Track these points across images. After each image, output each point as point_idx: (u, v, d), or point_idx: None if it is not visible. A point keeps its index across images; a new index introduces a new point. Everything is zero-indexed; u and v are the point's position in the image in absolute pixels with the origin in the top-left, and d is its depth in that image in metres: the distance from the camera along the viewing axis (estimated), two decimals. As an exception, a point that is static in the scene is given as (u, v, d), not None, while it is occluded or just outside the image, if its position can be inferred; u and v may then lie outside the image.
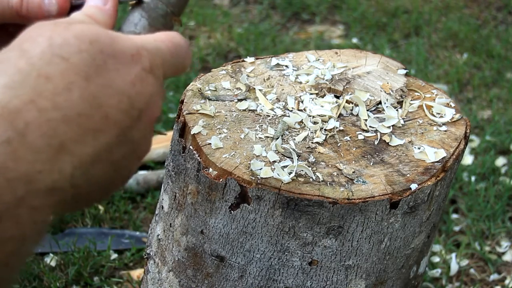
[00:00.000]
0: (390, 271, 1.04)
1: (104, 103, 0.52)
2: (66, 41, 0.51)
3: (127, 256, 1.71)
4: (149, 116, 0.57)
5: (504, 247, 1.80)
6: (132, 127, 0.55)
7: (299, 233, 0.95)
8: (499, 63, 2.64)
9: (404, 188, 0.95)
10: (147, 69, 0.56)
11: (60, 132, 0.48)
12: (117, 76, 0.53)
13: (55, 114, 0.48)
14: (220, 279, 1.03)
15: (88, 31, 0.53)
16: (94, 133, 0.51)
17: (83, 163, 0.50)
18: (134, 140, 0.56)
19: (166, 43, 0.61)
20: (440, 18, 3.02)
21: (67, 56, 0.51)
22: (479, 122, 2.29)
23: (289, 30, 2.93)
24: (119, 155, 0.55)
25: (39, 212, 0.47)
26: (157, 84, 0.58)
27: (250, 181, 0.93)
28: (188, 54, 0.64)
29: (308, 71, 1.17)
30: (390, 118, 1.07)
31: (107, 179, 0.55)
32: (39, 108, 0.48)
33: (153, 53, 0.58)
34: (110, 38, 0.54)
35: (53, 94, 0.49)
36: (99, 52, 0.52)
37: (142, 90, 0.55)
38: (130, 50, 0.55)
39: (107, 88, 0.52)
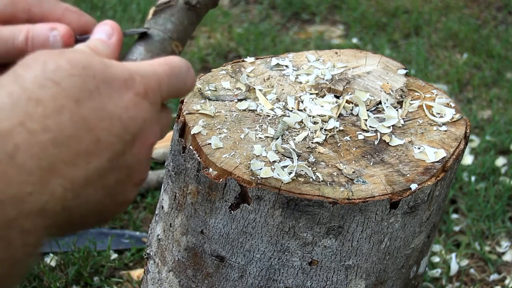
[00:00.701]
0: (390, 271, 1.04)
1: (95, 126, 0.52)
2: (58, 66, 0.52)
3: (127, 256, 1.71)
4: (144, 141, 0.57)
5: (504, 247, 1.80)
6: (125, 151, 0.55)
7: (299, 233, 0.95)
8: (499, 63, 2.64)
9: (404, 188, 0.95)
10: (141, 94, 0.56)
11: (50, 154, 0.49)
12: (109, 100, 0.54)
13: (45, 136, 0.49)
14: (220, 279, 1.03)
15: (81, 58, 0.54)
16: (85, 156, 0.51)
17: (75, 185, 0.50)
18: (127, 165, 0.56)
19: (163, 67, 0.61)
20: (440, 18, 3.02)
21: (59, 80, 0.51)
22: (479, 122, 2.29)
23: (289, 30, 2.93)
24: (112, 180, 0.55)
25: (31, 234, 0.47)
26: (153, 109, 0.58)
27: (250, 181, 0.93)
28: (189, 75, 0.64)
29: (308, 71, 1.17)
30: (390, 118, 1.07)
31: (101, 204, 0.55)
32: (29, 130, 0.48)
33: (148, 78, 0.58)
34: (103, 64, 0.55)
35: (43, 116, 0.49)
36: (91, 77, 0.53)
37: (135, 115, 0.55)
38: (123, 75, 0.56)
39: (98, 112, 0.52)
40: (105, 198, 0.55)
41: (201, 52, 2.69)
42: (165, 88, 0.60)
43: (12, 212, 0.46)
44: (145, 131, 0.57)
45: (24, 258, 0.48)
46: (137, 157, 0.57)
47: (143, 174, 0.60)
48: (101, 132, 0.52)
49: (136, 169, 0.58)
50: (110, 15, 2.76)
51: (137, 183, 0.59)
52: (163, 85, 0.60)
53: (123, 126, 0.54)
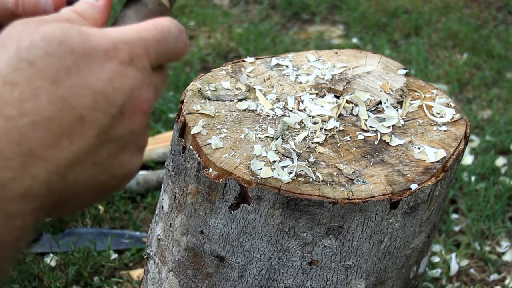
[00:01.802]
0: (390, 271, 1.04)
1: (76, 104, 0.50)
2: (33, 44, 0.51)
3: (127, 256, 1.71)
4: (135, 110, 0.55)
5: (504, 247, 1.80)
6: (113, 124, 0.53)
7: (299, 233, 0.95)
8: (499, 63, 2.64)
9: (404, 188, 0.95)
10: (125, 62, 0.54)
11: (30, 138, 0.48)
12: (89, 75, 0.52)
13: (23, 121, 0.48)
14: (220, 279, 1.03)
15: (58, 32, 0.52)
16: (68, 136, 0.50)
17: (60, 167, 0.50)
18: (120, 137, 0.54)
19: (151, 31, 0.58)
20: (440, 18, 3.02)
21: (34, 60, 0.50)
22: (479, 122, 2.29)
23: (289, 30, 2.93)
24: (104, 155, 0.53)
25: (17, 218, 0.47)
26: (142, 75, 0.56)
27: (250, 181, 0.93)
28: (180, 39, 0.61)
29: (308, 71, 1.17)
30: (390, 118, 1.07)
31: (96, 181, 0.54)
32: (5, 116, 0.48)
33: (134, 44, 0.56)
34: (82, 37, 0.53)
35: (20, 101, 0.48)
36: (69, 53, 0.51)
37: (120, 85, 0.53)
38: (104, 45, 0.53)
39: (78, 89, 0.51)
40: (100, 174, 0.54)
41: (201, 52, 2.69)
42: (154, 53, 0.58)
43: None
44: (135, 99, 0.55)
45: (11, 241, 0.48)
46: (129, 127, 0.55)
47: (140, 142, 0.58)
48: (84, 110, 0.51)
49: (131, 139, 0.56)
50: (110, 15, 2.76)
51: (136, 152, 0.57)
52: (151, 49, 0.57)
53: (108, 99, 0.52)
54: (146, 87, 0.56)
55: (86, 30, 0.54)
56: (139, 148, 0.57)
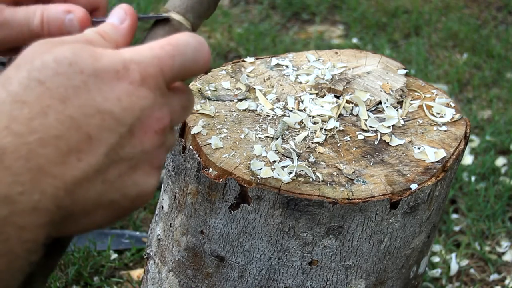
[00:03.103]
0: (390, 271, 1.04)
1: (84, 123, 0.51)
2: (44, 64, 0.52)
3: (127, 256, 1.71)
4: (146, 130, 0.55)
5: (504, 247, 1.80)
6: (123, 144, 0.54)
7: (299, 233, 0.95)
8: (499, 63, 2.64)
9: (404, 188, 0.95)
10: (136, 82, 0.54)
11: (38, 155, 0.49)
12: (98, 94, 0.52)
13: (31, 137, 0.49)
14: (220, 279, 1.03)
15: (69, 52, 0.53)
16: (76, 154, 0.51)
17: (67, 184, 0.50)
18: (130, 156, 0.55)
19: (165, 47, 0.58)
20: (440, 18, 3.02)
21: (44, 80, 0.51)
22: (479, 122, 2.29)
23: (289, 30, 2.93)
24: (114, 174, 0.54)
25: (27, 231, 0.49)
26: (154, 95, 0.56)
27: (250, 181, 0.93)
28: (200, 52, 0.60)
29: (308, 71, 1.17)
30: (390, 118, 1.07)
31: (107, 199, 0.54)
32: (15, 133, 0.49)
33: (146, 63, 0.56)
34: (92, 57, 0.53)
35: (29, 118, 0.49)
36: (78, 73, 0.52)
37: (129, 105, 0.54)
38: (114, 66, 0.54)
39: (86, 108, 0.52)
40: (111, 192, 0.54)
41: (201, 52, 2.69)
42: (169, 70, 0.57)
43: (5, 210, 0.47)
44: (145, 119, 0.55)
45: (23, 253, 0.49)
46: (140, 147, 0.55)
47: (155, 162, 0.57)
48: (91, 129, 0.52)
49: (143, 159, 0.56)
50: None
51: (150, 171, 0.57)
52: (166, 67, 0.57)
53: (116, 119, 0.53)
54: (158, 106, 0.56)
55: (98, 51, 0.54)
56: (153, 168, 0.57)
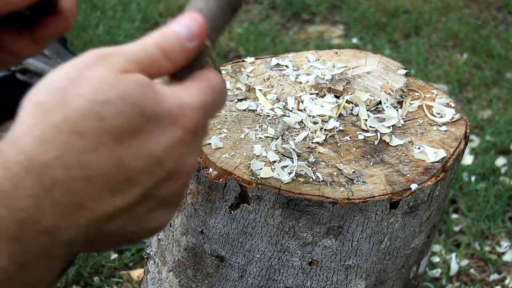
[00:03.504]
0: (390, 271, 1.04)
1: (129, 165, 0.51)
2: (108, 100, 0.50)
3: (127, 256, 1.71)
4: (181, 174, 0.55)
5: (504, 247, 1.80)
6: (158, 186, 0.54)
7: (299, 233, 0.95)
8: (499, 63, 2.64)
9: (404, 188, 0.95)
10: (189, 130, 0.54)
11: (81, 190, 0.49)
12: (151, 139, 0.52)
13: (79, 172, 0.49)
14: (220, 279, 1.03)
15: (135, 92, 0.51)
16: (113, 192, 0.51)
17: (99, 219, 0.51)
18: (161, 197, 0.55)
19: (210, 94, 0.57)
20: (440, 18, 3.02)
21: (105, 116, 0.50)
22: (479, 122, 2.29)
23: (289, 30, 2.93)
24: (142, 211, 0.54)
25: (57, 261, 0.50)
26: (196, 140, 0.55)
27: (250, 181, 0.93)
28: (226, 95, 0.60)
29: (308, 71, 1.17)
30: (390, 118, 1.07)
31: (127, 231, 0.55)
32: (66, 165, 0.48)
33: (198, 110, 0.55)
34: (155, 99, 0.52)
35: (81, 152, 0.49)
36: (139, 116, 0.51)
37: (176, 152, 0.53)
38: (172, 111, 0.53)
39: (136, 151, 0.51)
40: (133, 226, 0.54)
41: (201, 52, 2.69)
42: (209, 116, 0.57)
43: (46, 243, 0.48)
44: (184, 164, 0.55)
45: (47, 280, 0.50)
46: (172, 189, 0.55)
47: (178, 202, 0.58)
48: (134, 171, 0.51)
49: (170, 199, 0.56)
50: (110, 15, 2.76)
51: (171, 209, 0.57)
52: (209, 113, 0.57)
53: (160, 164, 0.52)
54: (196, 151, 0.56)
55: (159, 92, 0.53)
56: (175, 207, 0.58)
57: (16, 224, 0.47)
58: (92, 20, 2.68)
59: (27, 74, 1.89)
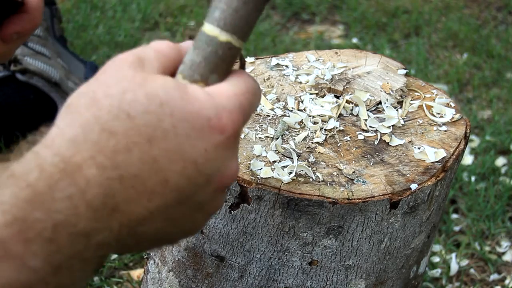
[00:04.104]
0: (390, 271, 1.04)
1: (164, 168, 0.50)
2: (136, 99, 0.50)
3: (127, 256, 1.71)
4: (221, 181, 0.54)
5: (504, 247, 1.80)
6: (197, 192, 0.53)
7: (299, 233, 0.95)
8: (499, 63, 2.64)
9: (404, 188, 0.95)
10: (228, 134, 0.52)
11: (115, 192, 0.48)
12: (186, 141, 0.51)
13: (113, 173, 0.48)
14: (220, 279, 1.03)
15: (161, 91, 0.51)
16: (149, 195, 0.50)
17: (132, 222, 0.50)
18: (199, 201, 0.54)
19: (246, 96, 0.56)
20: (440, 18, 3.02)
21: (134, 115, 0.49)
22: (479, 122, 2.29)
23: (289, 30, 2.93)
24: (178, 215, 0.53)
25: (89, 263, 0.49)
26: (235, 145, 0.54)
27: (250, 181, 0.93)
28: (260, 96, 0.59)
29: (308, 71, 1.17)
30: (390, 118, 1.07)
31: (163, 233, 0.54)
32: (99, 165, 0.48)
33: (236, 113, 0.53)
34: (184, 100, 0.51)
35: (114, 151, 0.48)
36: (168, 115, 0.50)
37: (214, 157, 0.52)
38: (207, 113, 0.52)
39: (171, 153, 0.50)
40: (169, 228, 0.54)
41: (201, 52, 2.68)
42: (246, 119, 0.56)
43: (80, 245, 0.48)
44: (225, 170, 0.53)
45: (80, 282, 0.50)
46: (211, 195, 0.54)
47: (218, 206, 0.57)
48: (171, 174, 0.50)
49: (209, 204, 0.55)
50: (110, 15, 2.76)
51: (211, 214, 0.57)
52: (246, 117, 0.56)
53: (198, 169, 0.51)
54: (235, 155, 0.55)
55: (191, 93, 0.52)
56: (215, 210, 0.57)
57: (52, 226, 0.46)
58: (92, 20, 2.67)
59: (27, 74, 1.89)
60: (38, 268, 0.46)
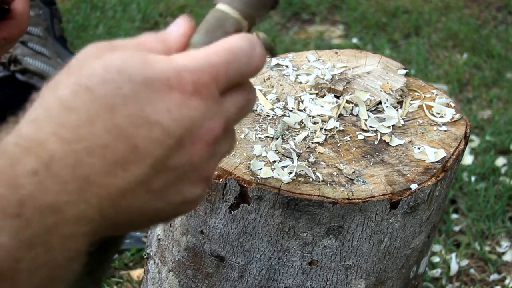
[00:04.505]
0: (390, 271, 1.04)
1: (131, 134, 0.50)
2: (93, 71, 0.50)
3: (127, 256, 1.71)
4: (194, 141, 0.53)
5: (504, 247, 1.80)
6: (170, 155, 0.52)
7: (299, 233, 0.95)
8: (499, 63, 2.64)
9: (404, 188, 0.95)
10: (187, 92, 0.52)
11: (84, 164, 0.48)
12: (147, 105, 0.51)
13: (78, 145, 0.48)
14: (220, 279, 1.03)
15: (118, 60, 0.51)
16: (122, 164, 0.50)
17: (112, 194, 0.50)
18: (178, 166, 0.53)
19: (220, 53, 0.55)
20: (440, 18, 3.02)
21: (92, 87, 0.50)
22: (479, 122, 2.29)
23: (289, 30, 2.93)
24: (160, 184, 0.53)
25: (70, 240, 0.48)
26: (206, 105, 0.53)
27: (250, 181, 0.93)
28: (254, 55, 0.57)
29: (308, 71, 1.17)
30: (390, 118, 1.07)
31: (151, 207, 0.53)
32: (63, 139, 0.48)
33: (200, 71, 0.53)
34: (143, 64, 0.51)
35: (76, 126, 0.48)
36: (127, 82, 0.50)
37: (180, 117, 0.52)
38: (166, 74, 0.52)
39: (134, 118, 0.50)
40: (155, 201, 0.53)
41: (201, 52, 2.69)
42: (224, 77, 0.55)
43: (51, 219, 0.47)
44: (196, 131, 0.53)
45: (65, 262, 0.49)
46: (189, 158, 0.53)
47: (202, 173, 0.56)
48: (138, 140, 0.50)
49: (191, 170, 0.54)
50: (110, 15, 2.76)
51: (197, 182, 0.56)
52: (220, 75, 0.54)
53: (164, 131, 0.51)
54: (210, 116, 0.54)
55: (150, 58, 0.52)
56: (201, 178, 0.56)
57: (17, 201, 0.46)
58: (92, 20, 2.68)
59: (26, 74, 1.89)
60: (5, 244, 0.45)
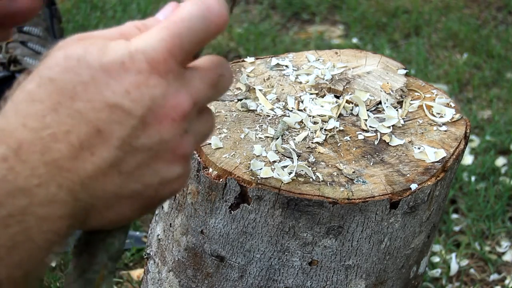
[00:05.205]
0: (390, 271, 1.04)
1: (92, 118, 0.52)
2: (56, 62, 0.53)
3: (127, 256, 1.71)
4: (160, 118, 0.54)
5: (504, 247, 1.80)
6: (135, 135, 0.53)
7: (299, 233, 0.95)
8: (499, 63, 2.64)
9: (404, 188, 0.95)
10: (143, 72, 0.54)
11: (52, 150, 0.51)
12: (106, 88, 0.53)
13: (45, 133, 0.51)
14: (220, 279, 1.03)
15: (79, 49, 0.54)
16: (89, 148, 0.52)
17: (82, 178, 0.51)
18: (148, 146, 0.54)
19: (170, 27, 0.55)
20: (440, 18, 3.02)
21: (54, 77, 0.52)
22: (479, 122, 2.29)
23: (289, 30, 2.93)
24: (131, 165, 0.54)
25: (47, 222, 0.50)
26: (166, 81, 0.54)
27: (250, 181, 0.93)
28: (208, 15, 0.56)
29: (308, 71, 1.17)
30: (390, 118, 1.07)
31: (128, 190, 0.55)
32: (30, 128, 0.51)
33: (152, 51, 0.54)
34: (101, 51, 0.54)
35: (42, 115, 0.51)
36: (86, 68, 0.53)
37: (139, 96, 0.53)
38: (120, 58, 0.54)
39: (95, 103, 0.52)
40: (130, 183, 0.54)
41: (201, 52, 2.69)
42: (179, 50, 0.55)
43: (23, 201, 0.49)
44: (159, 108, 0.54)
45: (44, 243, 0.50)
46: (158, 137, 0.54)
47: (177, 151, 0.56)
48: (101, 123, 0.52)
49: (163, 148, 0.55)
50: (110, 15, 2.76)
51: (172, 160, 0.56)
52: (174, 48, 0.55)
53: (125, 112, 0.53)
54: (173, 92, 0.55)
55: (110, 44, 0.54)
56: (176, 156, 0.57)
57: None
58: (92, 20, 2.67)
59: (27, 74, 1.88)
60: None
